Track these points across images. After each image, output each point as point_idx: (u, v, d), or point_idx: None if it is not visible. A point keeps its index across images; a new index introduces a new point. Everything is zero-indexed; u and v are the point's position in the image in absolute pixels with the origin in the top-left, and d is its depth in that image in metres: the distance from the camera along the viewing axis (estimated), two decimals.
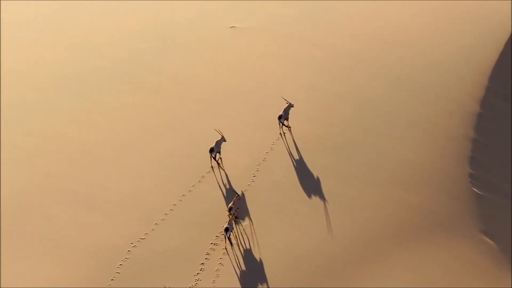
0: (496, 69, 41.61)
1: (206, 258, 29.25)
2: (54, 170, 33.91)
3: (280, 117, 34.49)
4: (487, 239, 31.94)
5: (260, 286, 28.71)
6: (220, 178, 33.05)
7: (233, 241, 29.68)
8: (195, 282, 28.50)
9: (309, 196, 32.43)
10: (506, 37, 44.02)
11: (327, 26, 44.38)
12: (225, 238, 29.41)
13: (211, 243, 29.81)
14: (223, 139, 33.13)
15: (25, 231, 30.85)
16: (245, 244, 30.11)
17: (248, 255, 29.78)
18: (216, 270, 28.92)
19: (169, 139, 35.42)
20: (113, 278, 28.58)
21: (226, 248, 29.43)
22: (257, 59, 41.31)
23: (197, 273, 28.68)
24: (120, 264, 29.06)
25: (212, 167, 33.07)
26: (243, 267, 29.28)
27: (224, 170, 33.18)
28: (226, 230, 29.17)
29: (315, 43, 42.53)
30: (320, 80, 39.71)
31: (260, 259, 29.57)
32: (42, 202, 32.28)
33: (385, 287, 28.74)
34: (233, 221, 29.74)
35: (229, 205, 30.16)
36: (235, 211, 30.21)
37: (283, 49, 42.24)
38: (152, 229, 30.49)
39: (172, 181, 32.87)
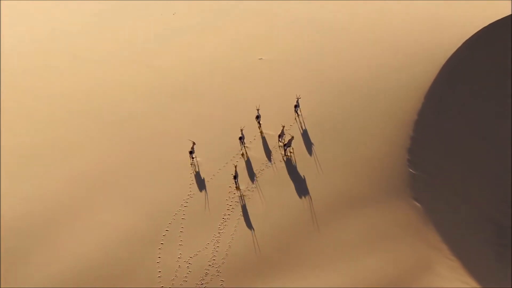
0: (432, 87, 49.87)
1: (227, 218, 42.28)
2: (128, 145, 46.84)
3: (295, 107, 47.87)
4: (416, 203, 42.83)
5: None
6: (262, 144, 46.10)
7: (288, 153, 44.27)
8: (224, 222, 41.76)
9: (309, 160, 45.28)
10: (442, 61, 51.91)
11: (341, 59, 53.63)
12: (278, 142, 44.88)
13: (236, 201, 43.09)
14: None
15: (115, 189, 43.82)
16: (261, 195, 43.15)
17: (259, 205, 42.77)
18: (235, 226, 41.93)
19: (216, 122, 48.26)
20: (167, 229, 41.70)
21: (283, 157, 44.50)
22: (279, 83, 52.03)
23: (223, 220, 41.97)
24: (174, 218, 41.87)
25: (261, 132, 46.43)
26: (255, 219, 42.11)
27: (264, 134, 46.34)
28: (280, 136, 44.82)
29: (322, 74, 52.00)
30: (325, 94, 50.32)
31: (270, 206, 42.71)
32: (120, 168, 45.21)
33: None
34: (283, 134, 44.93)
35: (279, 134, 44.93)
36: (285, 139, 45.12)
37: (298, 80, 52.05)
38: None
39: (218, 149, 45.83)
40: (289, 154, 45.28)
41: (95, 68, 54.86)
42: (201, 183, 44.29)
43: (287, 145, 45.05)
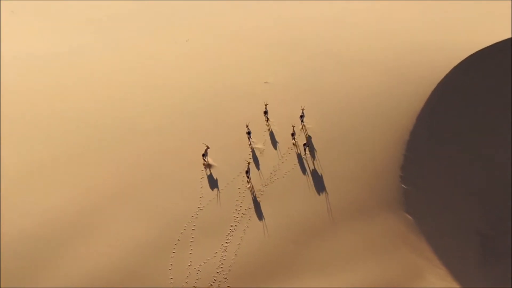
0: (424, 108, 51.84)
1: (234, 229, 45.22)
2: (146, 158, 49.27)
3: (301, 117, 51.19)
4: (408, 216, 45.35)
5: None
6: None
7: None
8: (231, 232, 44.54)
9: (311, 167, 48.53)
10: (435, 83, 53.70)
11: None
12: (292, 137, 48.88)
13: (242, 213, 46.10)
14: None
15: (128, 201, 46.25)
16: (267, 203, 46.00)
17: (263, 215, 45.46)
18: (241, 237, 44.92)
19: (226, 138, 50.71)
20: (179, 238, 44.48)
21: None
22: (285, 100, 54.35)
23: (230, 231, 44.71)
24: (185, 229, 44.63)
25: (267, 123, 49.90)
26: (262, 223, 45.11)
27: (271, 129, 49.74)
28: (292, 134, 49.07)
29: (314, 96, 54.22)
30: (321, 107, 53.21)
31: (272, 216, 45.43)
32: (132, 181, 47.45)
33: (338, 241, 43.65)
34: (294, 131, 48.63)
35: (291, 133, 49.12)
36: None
37: (300, 98, 54.29)
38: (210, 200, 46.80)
39: (227, 165, 48.72)
40: (308, 153, 48.69)
41: (103, 84, 56.79)
42: (210, 197, 47.03)
43: (307, 144, 48.71)
